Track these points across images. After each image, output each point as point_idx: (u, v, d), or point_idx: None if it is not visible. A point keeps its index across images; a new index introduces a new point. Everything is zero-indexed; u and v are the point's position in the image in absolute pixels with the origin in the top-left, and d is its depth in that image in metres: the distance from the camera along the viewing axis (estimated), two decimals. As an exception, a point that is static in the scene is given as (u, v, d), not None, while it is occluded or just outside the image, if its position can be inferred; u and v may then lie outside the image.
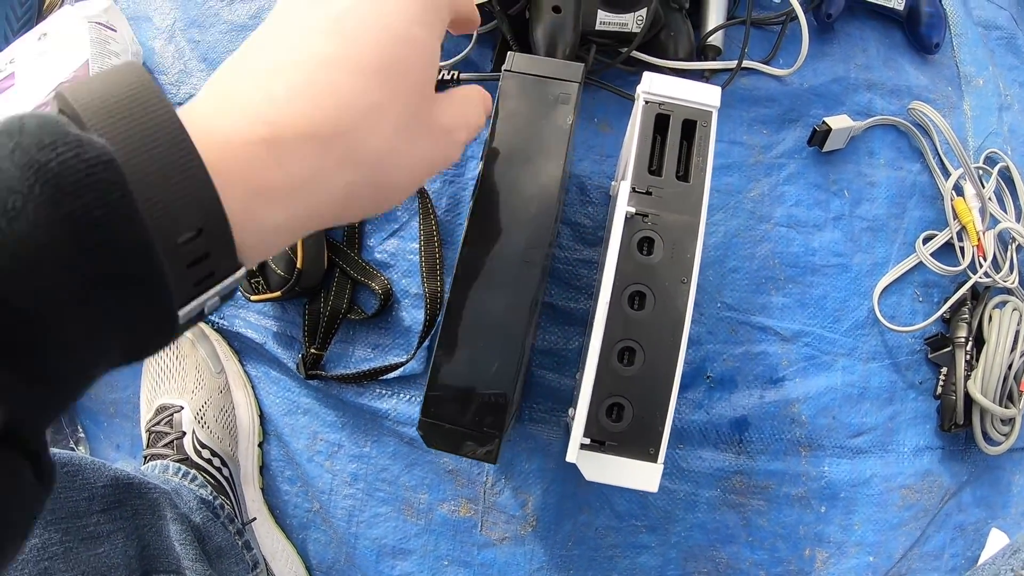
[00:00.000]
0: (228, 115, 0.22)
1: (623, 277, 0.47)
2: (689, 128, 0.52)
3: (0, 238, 0.15)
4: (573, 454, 0.42)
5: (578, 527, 0.60)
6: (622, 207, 0.46)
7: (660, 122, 0.52)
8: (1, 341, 0.16)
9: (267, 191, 0.22)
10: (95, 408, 0.69)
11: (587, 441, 0.46)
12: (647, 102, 0.52)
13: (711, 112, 0.52)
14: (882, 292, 0.68)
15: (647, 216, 0.49)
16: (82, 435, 0.69)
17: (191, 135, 0.19)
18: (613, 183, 0.63)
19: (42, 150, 0.16)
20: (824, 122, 0.67)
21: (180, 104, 0.72)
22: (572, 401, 0.60)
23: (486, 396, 0.45)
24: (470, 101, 0.34)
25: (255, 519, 0.61)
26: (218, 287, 0.21)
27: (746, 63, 0.68)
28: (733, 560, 0.62)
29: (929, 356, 0.70)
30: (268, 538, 0.62)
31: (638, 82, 0.62)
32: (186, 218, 0.19)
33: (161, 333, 0.21)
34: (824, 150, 0.68)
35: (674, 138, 0.51)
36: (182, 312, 0.21)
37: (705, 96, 0.52)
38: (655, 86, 0.52)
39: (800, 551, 0.64)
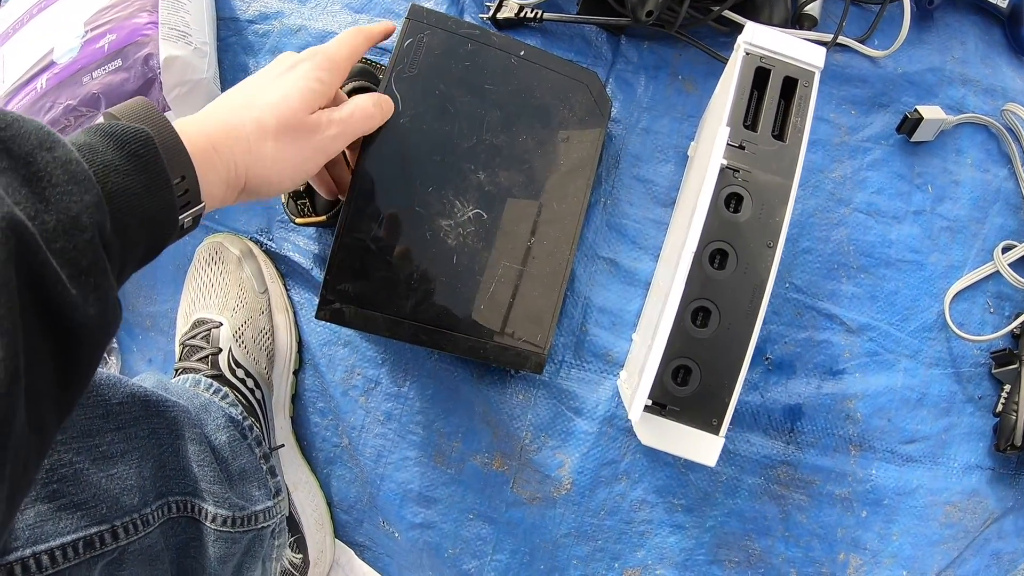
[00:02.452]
0: (191, 125, 0.41)
1: (707, 232, 0.44)
2: (789, 86, 0.49)
3: (99, 161, 0.33)
4: (637, 413, 0.40)
5: (613, 497, 0.57)
6: (717, 158, 0.43)
7: (759, 76, 0.49)
8: (97, 213, 0.31)
9: (207, 162, 0.40)
10: (131, 320, 0.67)
11: (649, 402, 0.43)
12: (748, 53, 0.49)
13: (814, 73, 0.49)
14: (954, 297, 0.65)
15: (738, 171, 0.46)
16: (115, 345, 0.67)
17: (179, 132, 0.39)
18: (692, 144, 0.60)
19: (114, 128, 0.35)
20: (916, 110, 0.64)
21: (251, 22, 0.71)
22: (625, 364, 0.58)
23: None
24: (347, 109, 0.48)
25: (283, 446, 0.59)
26: (192, 211, 0.39)
27: (841, 39, 0.64)
28: (766, 553, 0.60)
29: (993, 371, 0.66)
30: (292, 468, 0.60)
31: (729, 44, 0.59)
32: (178, 169, 0.37)
33: (169, 225, 0.37)
34: (912, 140, 0.65)
35: (773, 94, 0.48)
36: (179, 217, 0.38)
37: (809, 55, 0.49)
38: (758, 38, 0.49)
39: (835, 554, 0.62)
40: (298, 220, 0.59)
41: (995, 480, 0.66)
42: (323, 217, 0.58)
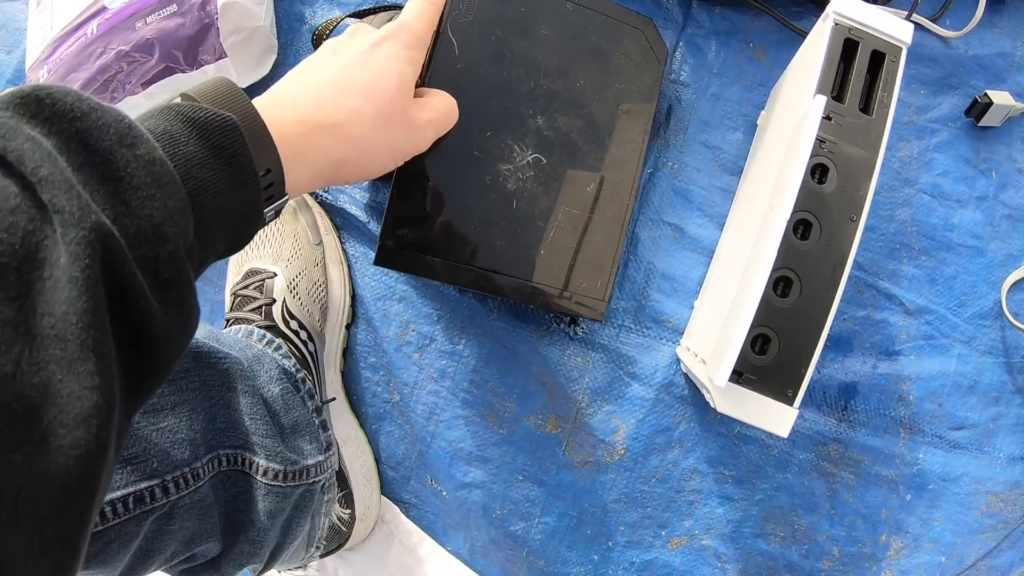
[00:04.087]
0: (280, 110, 0.38)
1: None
2: (876, 60, 0.48)
3: (181, 154, 0.30)
4: (724, 378, 0.39)
5: (665, 465, 0.57)
6: (813, 127, 0.42)
7: (845, 48, 0.48)
8: (181, 220, 0.29)
9: (296, 153, 0.37)
10: (177, 266, 0.66)
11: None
12: (837, 24, 0.48)
13: (902, 48, 0.48)
14: (1011, 287, 0.64)
15: (824, 142, 0.46)
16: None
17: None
18: (762, 113, 0.59)
19: (196, 114, 0.31)
20: (986, 94, 0.63)
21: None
22: (685, 331, 0.58)
23: None
24: (440, 110, 0.48)
25: (334, 399, 0.59)
26: (275, 204, 0.37)
27: (913, 17, 0.63)
28: (811, 530, 0.60)
29: (1044, 363, 0.66)
30: (341, 423, 0.60)
31: (802, 15, 0.58)
32: (264, 162, 0.35)
33: (253, 220, 0.35)
34: (980, 124, 0.64)
35: (861, 67, 0.48)
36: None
37: (898, 30, 0.48)
38: (847, 9, 0.48)
39: (877, 535, 0.62)
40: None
41: (1037, 473, 0.65)
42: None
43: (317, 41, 0.61)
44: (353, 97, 0.40)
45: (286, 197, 0.38)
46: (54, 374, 0.22)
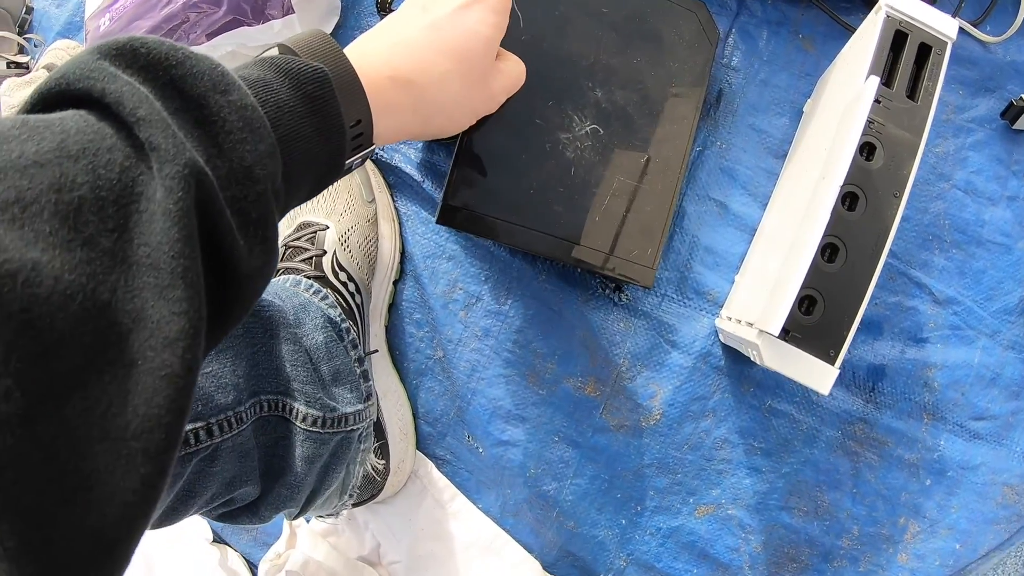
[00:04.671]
0: (372, 64, 0.39)
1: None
2: (923, 52, 0.51)
3: (272, 101, 0.31)
4: (778, 326, 0.41)
5: (698, 432, 0.59)
6: (866, 105, 0.44)
7: (896, 39, 0.50)
8: (270, 163, 0.30)
9: (386, 106, 0.39)
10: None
11: (775, 326, 0.45)
12: (888, 16, 0.50)
13: (947, 43, 0.51)
14: (1035, 284, 0.66)
15: (873, 123, 0.48)
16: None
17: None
18: (808, 101, 0.61)
19: (289, 65, 0.33)
20: (1022, 98, 0.65)
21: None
22: (725, 304, 0.59)
23: None
24: (513, 75, 0.49)
25: (376, 351, 0.61)
26: (362, 153, 0.39)
27: (956, 20, 0.65)
28: (833, 507, 0.61)
29: (1062, 362, 0.67)
30: (382, 376, 0.62)
31: (851, 10, 0.60)
32: (354, 112, 0.36)
33: (335, 169, 0.36)
34: (1014, 127, 0.66)
35: (909, 57, 0.50)
36: (347, 161, 0.37)
37: (944, 26, 0.51)
38: (898, 2, 0.51)
39: (896, 517, 0.63)
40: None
41: (1051, 469, 0.67)
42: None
43: (382, 5, 0.63)
44: (443, 59, 0.41)
45: (373, 147, 0.39)
46: (147, 300, 0.23)
